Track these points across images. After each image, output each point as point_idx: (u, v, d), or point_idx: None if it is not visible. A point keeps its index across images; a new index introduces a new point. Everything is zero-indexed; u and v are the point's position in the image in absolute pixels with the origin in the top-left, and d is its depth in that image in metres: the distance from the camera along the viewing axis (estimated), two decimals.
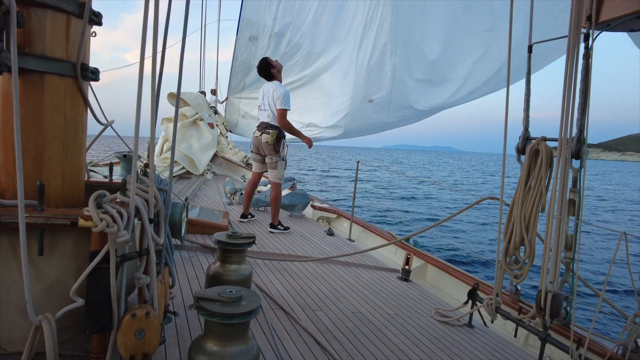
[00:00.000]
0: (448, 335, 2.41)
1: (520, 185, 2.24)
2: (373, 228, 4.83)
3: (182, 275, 2.69)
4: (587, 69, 2.07)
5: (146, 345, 1.42)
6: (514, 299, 2.46)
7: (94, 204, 1.31)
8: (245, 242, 2.16)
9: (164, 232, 1.66)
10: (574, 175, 2.13)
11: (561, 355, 2.51)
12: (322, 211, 5.70)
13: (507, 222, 2.30)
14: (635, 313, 1.92)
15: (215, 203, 5.42)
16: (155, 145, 8.11)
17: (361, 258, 3.78)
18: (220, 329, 1.39)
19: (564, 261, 2.13)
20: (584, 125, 2.08)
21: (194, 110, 8.38)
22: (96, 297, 1.34)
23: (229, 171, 8.69)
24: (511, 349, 2.39)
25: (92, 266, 1.30)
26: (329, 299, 2.67)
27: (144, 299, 1.53)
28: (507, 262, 2.33)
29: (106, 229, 1.28)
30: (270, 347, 1.94)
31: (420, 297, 3.01)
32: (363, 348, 2.09)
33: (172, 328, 1.96)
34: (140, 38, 1.30)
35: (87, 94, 1.66)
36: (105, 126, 1.90)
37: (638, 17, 1.95)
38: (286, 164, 4.32)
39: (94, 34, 1.69)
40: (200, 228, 3.65)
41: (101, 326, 1.37)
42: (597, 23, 2.07)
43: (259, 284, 2.73)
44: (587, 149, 2.11)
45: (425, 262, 3.86)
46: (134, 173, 1.39)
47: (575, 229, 2.11)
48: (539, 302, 2.05)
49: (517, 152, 2.38)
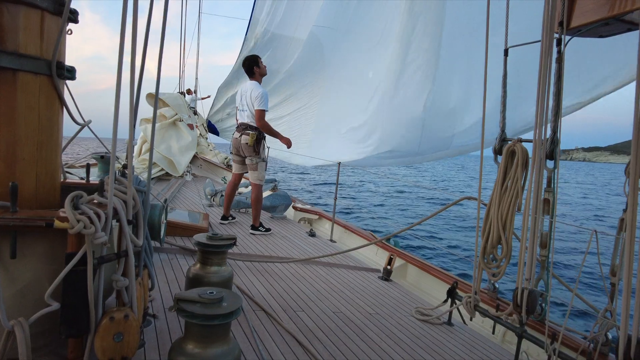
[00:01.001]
0: (428, 334, 2.45)
1: (497, 185, 2.29)
2: (354, 229, 4.86)
3: (162, 277, 2.65)
4: (559, 72, 2.15)
5: (125, 348, 1.39)
6: (492, 297, 2.51)
7: (70, 205, 1.28)
8: (226, 243, 2.15)
9: (143, 234, 1.63)
10: (549, 176, 2.20)
11: (537, 350, 2.58)
12: (303, 212, 5.70)
13: (484, 221, 2.35)
14: (605, 307, 1.99)
15: (195, 205, 5.35)
16: (134, 146, 7.84)
17: (342, 258, 3.80)
18: (200, 331, 1.38)
19: (539, 259, 2.20)
20: (557, 126, 2.15)
21: (173, 111, 8.28)
22: (72, 300, 1.31)
23: (209, 173, 8.60)
24: (489, 346, 2.44)
25: (69, 268, 1.27)
26: (311, 300, 2.68)
27: (122, 301, 1.50)
28: (485, 261, 2.39)
29: (83, 231, 1.25)
30: (252, 348, 1.93)
31: (401, 296, 3.04)
32: (344, 347, 2.10)
33: (152, 331, 1.93)
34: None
35: (63, 93, 1.62)
36: (82, 126, 1.86)
37: (606, 24, 2.03)
38: (267, 165, 4.30)
39: (70, 31, 1.65)
40: (180, 230, 3.60)
41: (77, 330, 1.34)
42: (568, 29, 2.14)
43: (240, 286, 2.71)
44: (561, 150, 2.19)
45: (406, 261, 3.91)
46: (111, 173, 1.36)
47: (550, 227, 2.18)
48: (515, 299, 2.10)
49: (494, 153, 2.44)
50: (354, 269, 3.55)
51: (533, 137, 2.10)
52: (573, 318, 5.41)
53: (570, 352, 2.17)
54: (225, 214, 4.48)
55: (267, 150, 4.39)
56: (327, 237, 4.65)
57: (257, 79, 4.21)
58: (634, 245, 1.59)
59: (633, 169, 1.65)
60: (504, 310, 2.33)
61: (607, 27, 2.09)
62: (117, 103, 1.32)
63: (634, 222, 1.59)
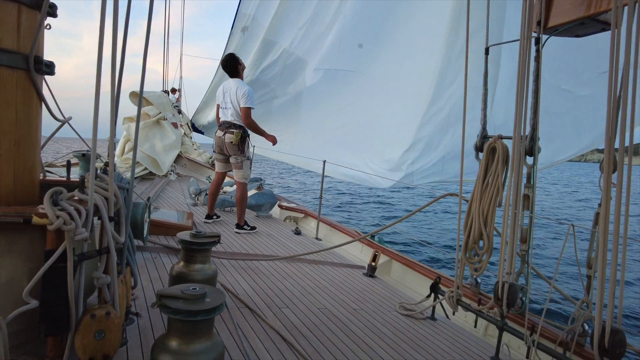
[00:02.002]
0: (412, 328, 2.48)
1: (478, 182, 2.33)
2: (340, 227, 4.88)
3: (145, 276, 2.62)
4: (537, 71, 2.20)
5: (106, 346, 1.38)
6: (474, 291, 2.56)
7: (50, 201, 1.26)
8: (210, 241, 2.14)
9: (125, 231, 1.62)
10: (528, 172, 2.25)
11: (518, 342, 2.64)
12: (289, 211, 5.70)
13: (466, 217, 2.39)
14: (582, 299, 2.05)
15: (179, 204, 5.30)
16: (116, 145, 7.71)
17: (327, 256, 3.81)
18: (183, 327, 1.37)
19: (519, 253, 2.25)
20: (536, 123, 2.20)
21: (157, 110, 8.18)
22: (52, 298, 1.29)
23: (193, 172, 8.52)
24: (471, 339, 2.48)
25: (48, 265, 1.26)
26: (295, 296, 2.69)
27: (104, 299, 1.48)
28: (467, 256, 2.43)
29: (63, 227, 1.24)
30: (236, 345, 1.93)
31: (385, 292, 3.07)
32: (329, 342, 2.11)
33: (135, 329, 1.91)
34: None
35: (42, 88, 1.60)
36: (62, 122, 1.83)
37: (582, 24, 2.08)
38: (251, 163, 4.28)
39: (49, 26, 1.62)
40: (164, 229, 3.57)
41: (57, 328, 1.32)
42: (546, 28, 2.19)
43: (225, 284, 2.70)
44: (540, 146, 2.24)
45: (390, 258, 3.95)
46: (92, 168, 1.35)
47: (530, 222, 2.23)
48: (496, 292, 2.15)
49: (476, 150, 2.49)
50: (339, 266, 3.57)
51: (513, 134, 2.14)
52: (553, 310, 5.53)
53: (549, 343, 2.23)
54: (210, 213, 4.45)
55: (253, 148, 4.37)
56: (312, 235, 4.66)
57: (241, 76, 4.19)
58: (607, 239, 1.64)
59: (606, 165, 1.70)
60: (486, 304, 2.38)
61: (583, 27, 2.15)
62: (97, 97, 1.30)
63: (608, 216, 1.64)
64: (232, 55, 4.21)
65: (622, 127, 1.60)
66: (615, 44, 1.62)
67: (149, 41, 1.57)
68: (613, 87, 1.63)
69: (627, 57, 1.59)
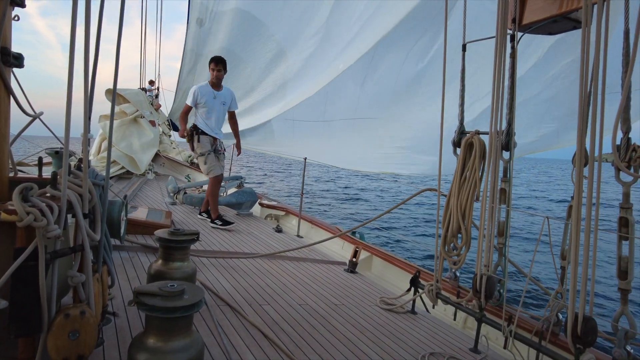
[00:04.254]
0: (392, 322, 2.50)
1: (456, 177, 2.37)
2: (321, 223, 4.89)
3: (122, 276, 2.57)
4: (513, 67, 2.25)
5: (81, 346, 1.34)
6: (453, 285, 2.60)
7: (19, 197, 1.21)
8: (188, 238, 2.11)
9: (101, 228, 1.58)
10: (505, 166, 2.30)
11: (496, 334, 2.70)
12: (270, 209, 5.67)
13: (444, 211, 2.42)
14: (556, 290, 2.10)
15: (158, 203, 5.21)
16: (92, 144, 7.50)
17: (309, 253, 3.81)
18: (161, 324, 1.35)
19: (497, 246, 2.29)
20: (512, 119, 2.25)
21: (134, 107, 8.01)
22: (22, 297, 1.25)
23: (172, 171, 8.38)
24: (451, 332, 2.52)
25: (17, 264, 1.21)
26: (276, 293, 2.67)
27: (79, 298, 1.44)
28: (445, 250, 2.46)
29: (34, 223, 1.20)
30: (216, 342, 1.91)
31: (366, 287, 3.09)
32: (310, 338, 2.11)
33: (112, 329, 1.87)
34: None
35: (10, 81, 1.54)
36: (33, 117, 1.76)
37: (554, 22, 2.14)
38: (212, 156, 4.22)
39: (17, 17, 1.56)
40: (142, 228, 3.50)
41: (28, 329, 1.27)
42: (520, 25, 2.24)
43: (204, 282, 2.67)
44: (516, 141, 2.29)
45: (371, 254, 3.97)
46: (65, 163, 1.31)
47: (507, 216, 2.28)
48: (475, 285, 2.19)
49: (453, 145, 2.52)
50: (320, 262, 3.57)
51: (489, 130, 2.18)
52: (529, 301, 5.68)
53: (525, 333, 2.29)
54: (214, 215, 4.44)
55: (210, 143, 4.23)
56: (294, 232, 4.64)
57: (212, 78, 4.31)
58: (580, 230, 1.68)
59: (578, 159, 1.75)
60: (465, 297, 2.42)
61: (556, 25, 2.21)
62: (70, 89, 1.26)
63: (580, 209, 1.69)
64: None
65: (593, 121, 1.65)
66: (585, 41, 1.67)
67: (122, 35, 1.53)
68: (584, 83, 1.68)
69: (597, 54, 1.64)
